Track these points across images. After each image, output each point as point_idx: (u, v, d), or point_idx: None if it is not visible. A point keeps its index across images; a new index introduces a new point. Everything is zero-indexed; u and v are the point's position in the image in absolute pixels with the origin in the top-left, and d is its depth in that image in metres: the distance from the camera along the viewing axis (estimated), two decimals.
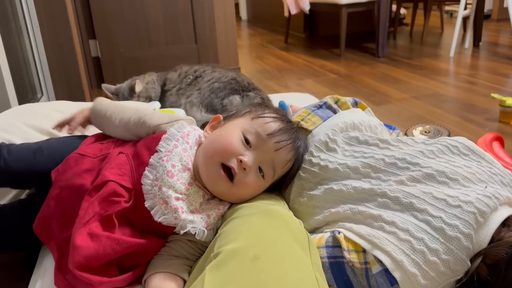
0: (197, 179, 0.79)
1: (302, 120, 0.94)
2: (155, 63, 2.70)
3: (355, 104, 1.05)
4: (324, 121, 0.94)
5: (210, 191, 0.79)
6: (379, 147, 0.85)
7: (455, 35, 3.41)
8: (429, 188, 0.72)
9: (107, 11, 2.73)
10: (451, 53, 3.42)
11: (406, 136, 0.92)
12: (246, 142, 0.79)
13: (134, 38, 2.82)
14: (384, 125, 1.04)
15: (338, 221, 0.76)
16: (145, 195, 0.75)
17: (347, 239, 0.70)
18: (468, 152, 0.80)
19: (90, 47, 2.83)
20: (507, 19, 3.48)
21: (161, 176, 0.75)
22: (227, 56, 3.01)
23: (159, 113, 0.92)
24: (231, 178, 0.77)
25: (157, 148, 0.79)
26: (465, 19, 3.99)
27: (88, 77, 2.75)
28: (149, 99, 1.87)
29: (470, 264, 0.65)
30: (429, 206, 0.69)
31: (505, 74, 2.83)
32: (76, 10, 2.66)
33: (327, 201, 0.80)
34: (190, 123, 0.88)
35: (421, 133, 1.71)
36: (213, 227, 0.77)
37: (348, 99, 1.04)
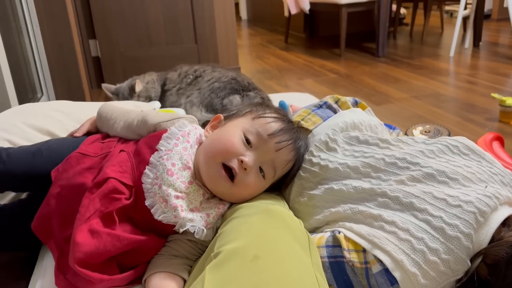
0: (197, 177, 0.79)
1: (302, 119, 0.94)
2: (155, 62, 2.70)
3: (355, 104, 1.05)
4: (324, 120, 0.94)
5: (210, 190, 0.79)
6: (379, 146, 0.85)
7: (455, 35, 3.41)
8: (429, 188, 0.72)
9: (107, 10, 2.73)
10: (451, 53, 3.42)
11: (406, 136, 0.92)
12: (247, 142, 0.79)
13: (134, 38, 2.82)
14: (384, 124, 1.05)
15: (338, 220, 0.76)
16: (145, 194, 0.75)
17: (347, 238, 0.70)
18: (468, 151, 0.80)
19: (90, 47, 2.83)
20: (507, 19, 3.48)
21: (161, 175, 0.75)
22: (227, 56, 3.01)
23: (161, 113, 0.93)
24: (231, 178, 0.77)
25: (157, 147, 0.79)
26: (465, 19, 3.99)
27: (88, 77, 2.75)
28: (149, 98, 1.87)
29: (470, 264, 0.65)
30: (429, 205, 0.69)
31: (505, 74, 2.83)
32: (76, 9, 2.66)
33: (327, 201, 0.80)
34: (191, 121, 0.88)
35: (421, 133, 1.71)
36: (212, 226, 0.77)
37: (348, 99, 1.04)
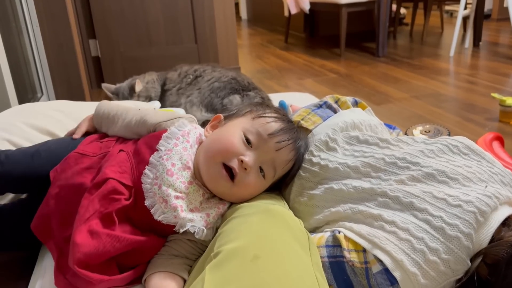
0: (197, 177, 0.79)
1: (302, 119, 0.94)
2: (155, 62, 2.70)
3: (355, 104, 1.05)
4: (324, 120, 0.94)
5: (210, 190, 0.79)
6: (379, 146, 0.85)
7: (455, 34, 3.41)
8: (429, 188, 0.72)
9: (107, 10, 2.73)
10: (451, 53, 3.42)
11: (406, 136, 0.92)
12: (247, 142, 0.79)
13: (134, 38, 2.82)
14: (384, 124, 1.04)
15: (338, 220, 0.76)
16: (145, 194, 0.75)
17: (347, 238, 0.70)
18: (468, 151, 0.80)
19: (90, 47, 2.83)
20: (507, 19, 3.48)
21: (161, 175, 0.75)
22: (227, 56, 3.01)
23: (160, 112, 0.92)
24: (232, 178, 0.77)
25: (157, 147, 0.79)
26: (465, 19, 3.99)
27: (88, 76, 2.75)
28: (149, 98, 1.87)
29: (470, 264, 0.65)
30: (429, 205, 0.69)
31: (505, 74, 2.83)
32: (76, 9, 2.66)
33: (327, 201, 0.80)
34: (191, 121, 0.88)
35: (421, 133, 1.71)
36: (212, 226, 0.77)
37: (348, 99, 1.04)
